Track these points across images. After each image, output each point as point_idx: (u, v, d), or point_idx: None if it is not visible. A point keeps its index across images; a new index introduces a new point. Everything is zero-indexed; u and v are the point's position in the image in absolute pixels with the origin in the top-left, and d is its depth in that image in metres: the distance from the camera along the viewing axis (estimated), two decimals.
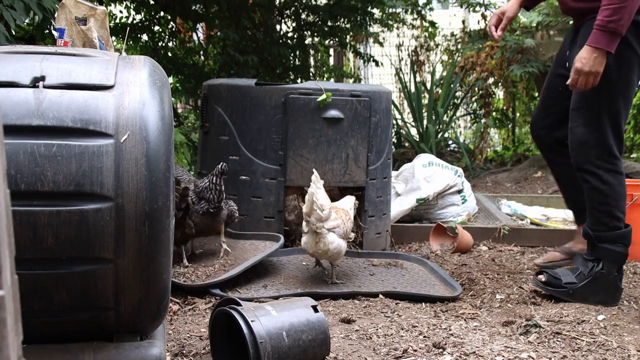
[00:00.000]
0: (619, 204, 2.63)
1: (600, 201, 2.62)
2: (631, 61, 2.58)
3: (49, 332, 1.51)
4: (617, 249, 2.64)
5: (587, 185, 2.65)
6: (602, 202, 2.62)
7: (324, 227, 2.62)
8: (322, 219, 2.61)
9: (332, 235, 2.64)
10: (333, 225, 2.64)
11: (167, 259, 1.52)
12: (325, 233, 2.63)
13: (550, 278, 2.69)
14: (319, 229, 2.62)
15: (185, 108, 8.35)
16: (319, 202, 2.58)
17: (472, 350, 2.00)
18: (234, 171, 3.14)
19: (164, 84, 1.57)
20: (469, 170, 6.52)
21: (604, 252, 2.64)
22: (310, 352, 1.84)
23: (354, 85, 3.57)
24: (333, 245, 2.64)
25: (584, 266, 2.67)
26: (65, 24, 2.09)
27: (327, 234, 2.63)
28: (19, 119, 1.41)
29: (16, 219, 1.36)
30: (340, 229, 2.66)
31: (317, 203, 2.57)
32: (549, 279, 2.69)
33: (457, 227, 3.63)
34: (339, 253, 2.69)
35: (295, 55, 6.71)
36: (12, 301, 0.76)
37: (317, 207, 2.58)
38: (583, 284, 2.63)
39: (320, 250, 2.66)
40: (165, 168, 1.48)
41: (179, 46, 6.82)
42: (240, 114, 3.14)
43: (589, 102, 2.61)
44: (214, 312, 1.90)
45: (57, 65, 1.52)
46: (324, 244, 2.63)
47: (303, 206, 2.66)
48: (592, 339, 2.12)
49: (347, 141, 3.16)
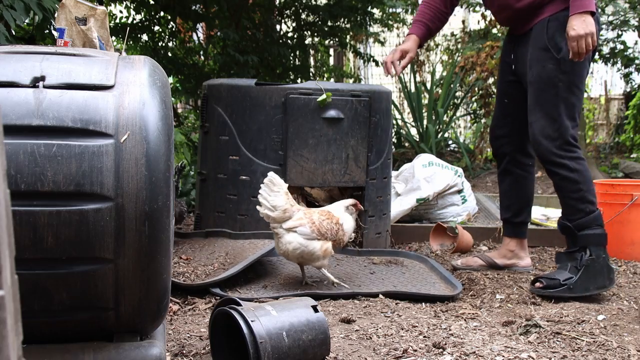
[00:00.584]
0: (590, 188, 2.75)
1: (574, 189, 2.72)
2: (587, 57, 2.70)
3: (49, 332, 1.51)
4: (597, 232, 2.74)
5: (556, 177, 2.75)
6: (575, 190, 2.72)
7: (280, 227, 2.60)
8: (277, 220, 2.59)
9: (291, 235, 2.59)
10: (292, 225, 2.59)
11: (167, 259, 1.52)
12: (282, 233, 2.60)
13: (548, 281, 2.72)
14: (275, 228, 2.61)
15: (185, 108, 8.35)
16: (268, 202, 2.57)
17: (472, 350, 2.00)
18: (234, 171, 3.14)
19: (164, 84, 1.57)
20: (469, 170, 6.53)
21: (586, 238, 2.73)
22: (310, 352, 1.84)
23: (354, 85, 3.57)
24: (292, 246, 2.59)
25: (572, 259, 2.74)
26: (65, 24, 2.09)
27: (285, 234, 2.59)
28: (19, 119, 1.41)
29: (16, 219, 1.36)
30: (305, 228, 2.59)
31: (266, 202, 2.57)
32: (547, 283, 2.71)
33: (457, 227, 3.63)
34: (303, 253, 2.62)
35: (295, 55, 6.71)
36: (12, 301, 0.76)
37: (266, 207, 2.58)
38: (579, 275, 2.68)
39: (281, 251, 2.64)
40: (165, 168, 1.48)
41: (179, 46, 6.82)
42: (240, 114, 3.14)
43: (546, 96, 2.73)
44: (214, 312, 1.90)
45: (57, 65, 1.52)
46: (282, 243, 2.60)
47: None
48: (592, 339, 2.12)
49: (347, 141, 3.16)
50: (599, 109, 10.45)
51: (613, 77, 10.39)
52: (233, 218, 3.15)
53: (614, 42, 8.03)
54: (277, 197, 2.59)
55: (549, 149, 2.72)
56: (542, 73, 2.74)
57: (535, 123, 2.76)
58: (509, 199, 3.13)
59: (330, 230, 2.65)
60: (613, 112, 10.28)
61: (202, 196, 3.34)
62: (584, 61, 2.72)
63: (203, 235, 3.21)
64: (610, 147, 9.11)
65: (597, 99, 10.66)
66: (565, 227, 2.77)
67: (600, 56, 8.10)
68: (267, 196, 2.59)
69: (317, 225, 2.62)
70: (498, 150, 3.14)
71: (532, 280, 2.82)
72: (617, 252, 3.44)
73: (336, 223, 2.68)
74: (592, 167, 7.13)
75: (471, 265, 3.19)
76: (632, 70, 8.51)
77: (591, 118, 10.09)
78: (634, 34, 8.47)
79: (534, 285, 2.77)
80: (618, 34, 7.82)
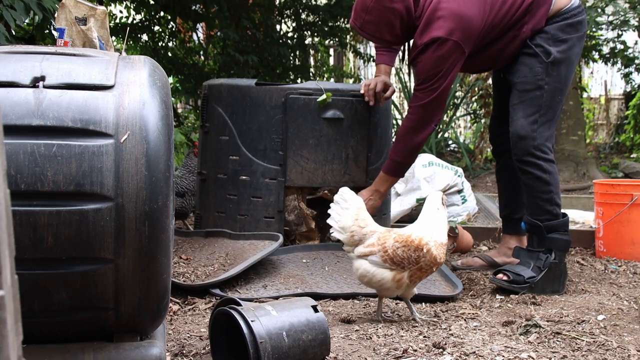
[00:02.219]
0: (558, 192, 2.84)
1: (544, 190, 2.79)
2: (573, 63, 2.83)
3: (49, 332, 1.51)
4: (564, 237, 2.83)
5: (528, 176, 2.81)
6: (545, 191, 2.79)
7: (352, 252, 2.32)
8: (347, 243, 2.32)
9: (360, 262, 2.30)
10: (362, 252, 2.28)
11: (167, 259, 1.52)
12: (353, 257, 2.32)
13: (514, 276, 2.77)
14: (348, 252, 2.35)
15: (185, 108, 8.36)
16: (336, 224, 2.30)
17: (472, 350, 2.00)
18: (234, 171, 3.14)
19: (164, 84, 1.57)
20: (469, 170, 6.52)
21: (554, 242, 2.82)
22: (310, 352, 1.84)
23: (354, 85, 3.56)
24: (359, 272, 2.31)
25: (536, 259, 2.82)
26: (65, 24, 2.09)
27: (355, 260, 2.31)
28: (19, 119, 1.41)
29: (16, 219, 1.36)
30: (376, 257, 2.26)
31: (334, 224, 2.30)
32: (514, 278, 2.77)
33: (457, 227, 3.63)
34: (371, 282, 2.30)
35: (295, 55, 6.71)
36: (12, 301, 0.76)
37: (335, 229, 2.31)
38: (541, 275, 2.77)
39: (355, 275, 2.37)
40: (165, 168, 1.48)
41: (179, 46, 6.83)
42: (241, 114, 3.14)
43: (530, 96, 2.79)
44: (214, 312, 1.90)
45: (57, 65, 1.52)
46: (355, 268, 2.33)
47: None
48: (592, 339, 2.12)
49: (347, 141, 3.16)
50: (599, 109, 10.45)
51: (613, 77, 10.39)
52: (233, 218, 3.15)
53: (614, 42, 8.03)
54: (346, 215, 2.31)
55: (526, 148, 2.77)
56: (529, 74, 2.79)
57: (515, 122, 2.81)
58: (507, 195, 3.16)
59: (408, 259, 2.25)
60: (613, 112, 10.28)
61: (202, 196, 3.34)
62: (571, 68, 2.82)
63: (203, 235, 3.21)
64: (610, 147, 9.11)
65: (597, 99, 10.66)
66: (535, 226, 2.83)
67: (600, 56, 8.10)
68: (337, 215, 2.32)
69: (391, 254, 2.25)
70: (498, 148, 3.17)
71: (495, 271, 2.86)
72: (617, 252, 3.44)
73: (416, 249, 2.25)
74: (592, 167, 7.13)
75: (471, 266, 3.20)
76: (632, 70, 8.51)
77: (591, 118, 10.09)
78: (634, 34, 8.47)
79: (496, 276, 2.81)
80: (618, 34, 7.82)
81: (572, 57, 2.81)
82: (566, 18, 2.77)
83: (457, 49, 2.69)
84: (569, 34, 2.77)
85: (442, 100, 2.83)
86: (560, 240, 2.82)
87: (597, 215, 3.56)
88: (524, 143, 2.77)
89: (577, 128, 7.39)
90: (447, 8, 2.67)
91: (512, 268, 2.82)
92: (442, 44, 2.67)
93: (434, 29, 2.68)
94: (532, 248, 2.86)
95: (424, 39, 2.71)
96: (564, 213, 2.87)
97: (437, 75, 2.72)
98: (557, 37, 2.76)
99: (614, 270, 3.22)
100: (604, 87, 10.52)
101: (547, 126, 2.79)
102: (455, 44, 2.67)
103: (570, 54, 2.79)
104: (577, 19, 2.78)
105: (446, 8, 2.67)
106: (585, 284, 2.97)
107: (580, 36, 2.82)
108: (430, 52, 2.70)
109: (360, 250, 2.28)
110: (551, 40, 2.75)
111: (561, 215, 2.84)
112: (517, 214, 3.11)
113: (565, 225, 2.85)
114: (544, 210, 2.80)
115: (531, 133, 2.76)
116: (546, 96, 2.76)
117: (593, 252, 3.58)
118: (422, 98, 2.80)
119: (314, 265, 2.94)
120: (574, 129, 7.32)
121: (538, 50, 2.76)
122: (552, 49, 2.75)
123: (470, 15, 2.68)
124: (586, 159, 7.26)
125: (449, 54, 2.69)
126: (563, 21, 2.76)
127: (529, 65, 2.78)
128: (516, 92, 2.83)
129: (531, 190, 2.82)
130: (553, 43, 2.75)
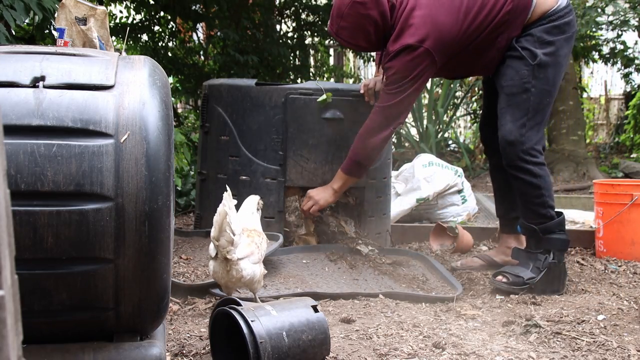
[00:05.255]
0: (551, 193, 2.82)
1: (536, 194, 2.78)
2: (561, 65, 2.80)
3: (49, 332, 1.51)
4: (562, 237, 2.82)
5: (519, 182, 2.80)
6: (537, 195, 2.78)
7: (234, 254, 2.22)
8: (235, 244, 2.22)
9: (245, 262, 2.25)
10: (246, 252, 2.25)
11: (167, 259, 1.51)
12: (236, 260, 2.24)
13: (514, 278, 2.78)
14: (229, 254, 2.21)
15: (185, 108, 8.36)
16: (232, 225, 2.17)
17: (472, 350, 2.00)
18: (234, 171, 3.14)
19: (164, 84, 1.57)
20: (469, 170, 6.53)
21: (551, 242, 2.81)
22: (310, 352, 1.84)
23: (354, 85, 3.56)
24: (246, 272, 2.25)
25: (534, 260, 2.81)
26: (65, 24, 2.09)
27: (240, 261, 2.25)
28: (19, 119, 1.41)
29: (16, 219, 1.36)
30: (255, 256, 2.29)
31: (229, 226, 2.17)
32: (513, 279, 2.77)
33: (457, 227, 3.63)
34: (253, 280, 2.30)
35: (295, 55, 6.71)
36: (12, 301, 0.76)
37: (229, 230, 2.17)
38: (541, 276, 2.76)
39: (234, 278, 2.25)
40: (165, 168, 1.48)
41: (179, 46, 6.83)
42: (241, 114, 3.14)
43: (517, 100, 2.77)
44: (214, 312, 1.90)
45: (57, 65, 1.52)
46: (237, 271, 2.23)
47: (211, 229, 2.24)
48: (592, 339, 2.12)
49: (347, 141, 3.15)
50: (599, 109, 10.46)
51: (613, 77, 10.40)
52: None
53: (614, 42, 8.03)
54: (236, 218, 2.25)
55: (515, 153, 2.75)
56: (515, 77, 2.77)
57: (503, 127, 2.78)
58: (502, 195, 3.16)
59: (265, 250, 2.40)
60: (613, 112, 10.29)
61: (202, 196, 3.34)
62: (559, 70, 2.79)
63: (203, 235, 3.21)
64: (610, 147, 9.12)
65: (597, 99, 10.67)
66: (531, 230, 2.83)
67: (600, 56, 8.10)
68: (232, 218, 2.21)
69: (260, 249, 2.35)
70: (489, 148, 3.16)
71: (495, 273, 2.86)
72: (617, 252, 3.44)
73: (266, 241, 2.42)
74: (592, 167, 7.13)
75: (471, 266, 3.20)
76: (632, 70, 8.51)
77: (591, 118, 10.09)
78: (634, 34, 8.48)
79: (496, 278, 2.82)
80: (618, 34, 7.82)
81: (559, 59, 2.78)
82: (552, 20, 2.75)
83: (427, 56, 2.70)
84: (555, 36, 2.75)
85: (406, 104, 2.84)
86: (558, 240, 2.81)
87: (597, 215, 3.56)
88: (512, 149, 2.75)
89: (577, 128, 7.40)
90: (420, 16, 2.69)
91: (511, 269, 2.82)
92: (413, 51, 2.69)
93: (406, 36, 2.70)
94: (530, 250, 2.86)
95: (395, 46, 2.73)
96: (559, 212, 2.85)
97: (405, 78, 2.74)
98: (543, 40, 2.74)
99: (614, 270, 3.22)
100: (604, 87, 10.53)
101: (536, 129, 2.77)
102: (426, 51, 2.69)
103: (557, 56, 2.77)
104: (564, 20, 2.77)
105: (419, 16, 2.69)
106: (585, 284, 2.97)
107: (568, 37, 2.80)
108: (400, 57, 2.72)
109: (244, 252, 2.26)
110: (537, 43, 2.74)
111: (556, 215, 2.82)
112: (513, 213, 3.10)
113: (561, 224, 2.83)
114: (538, 215, 2.79)
115: (520, 137, 2.74)
116: (533, 99, 2.74)
117: (593, 252, 3.59)
118: (387, 100, 2.81)
119: (314, 266, 2.94)
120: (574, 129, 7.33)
121: (524, 52, 2.74)
122: (538, 51, 2.73)
123: (443, 24, 2.69)
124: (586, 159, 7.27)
125: (420, 61, 2.71)
126: (549, 23, 2.75)
127: (516, 68, 2.77)
128: (504, 96, 2.81)
129: (523, 195, 2.81)
130: (539, 45, 2.74)
